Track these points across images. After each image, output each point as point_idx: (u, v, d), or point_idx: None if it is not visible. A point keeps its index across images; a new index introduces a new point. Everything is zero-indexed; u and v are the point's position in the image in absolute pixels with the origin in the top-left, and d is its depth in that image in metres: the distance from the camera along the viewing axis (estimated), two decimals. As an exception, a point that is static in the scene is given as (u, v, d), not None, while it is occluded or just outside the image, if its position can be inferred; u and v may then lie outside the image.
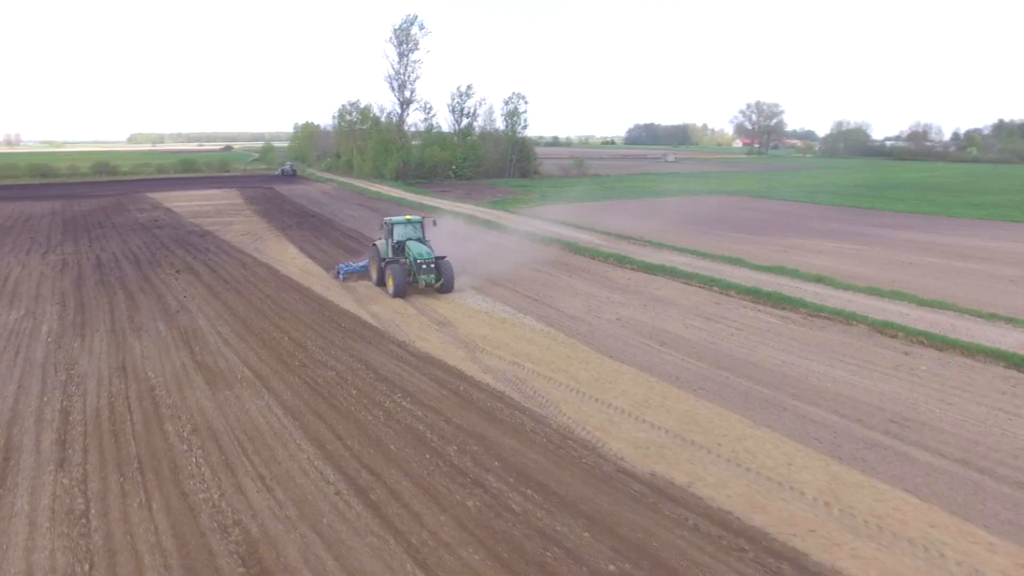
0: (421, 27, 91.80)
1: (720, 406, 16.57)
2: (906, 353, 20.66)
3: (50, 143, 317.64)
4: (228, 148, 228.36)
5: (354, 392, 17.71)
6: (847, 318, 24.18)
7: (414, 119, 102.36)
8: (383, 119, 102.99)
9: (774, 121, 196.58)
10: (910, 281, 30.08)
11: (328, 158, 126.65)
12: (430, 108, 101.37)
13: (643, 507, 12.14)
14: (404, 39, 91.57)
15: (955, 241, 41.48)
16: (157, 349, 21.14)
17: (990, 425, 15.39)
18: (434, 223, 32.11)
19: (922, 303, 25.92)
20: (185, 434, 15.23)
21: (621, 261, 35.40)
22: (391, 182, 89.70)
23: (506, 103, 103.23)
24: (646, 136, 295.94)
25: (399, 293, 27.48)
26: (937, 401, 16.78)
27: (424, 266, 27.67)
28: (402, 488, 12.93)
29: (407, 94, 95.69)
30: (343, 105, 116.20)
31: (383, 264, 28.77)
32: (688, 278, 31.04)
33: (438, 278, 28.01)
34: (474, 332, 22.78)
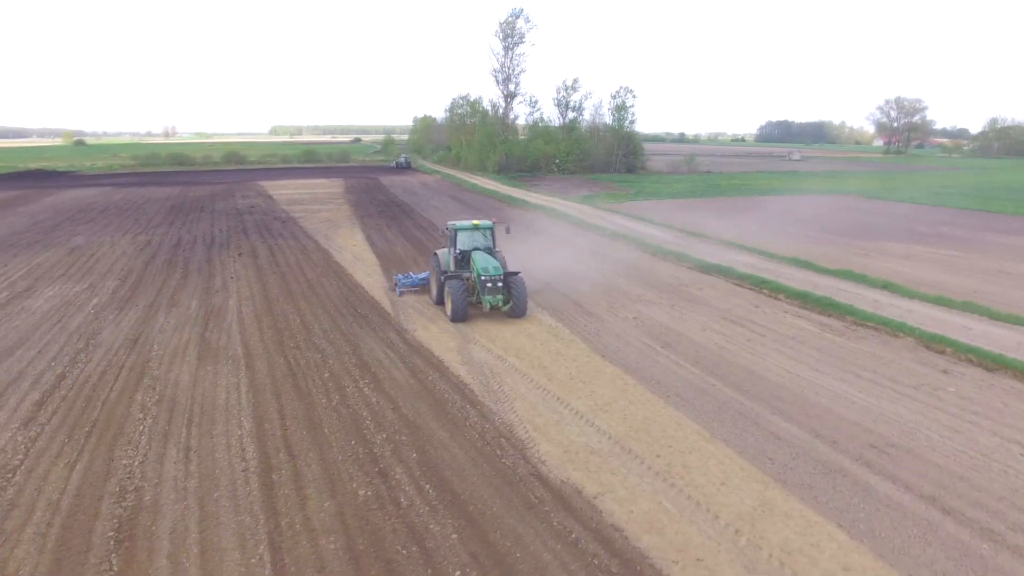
0: (527, 20, 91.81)
1: (685, 414, 15.30)
2: (944, 372, 18.24)
3: (201, 135, 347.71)
4: (357, 140, 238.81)
5: (326, 375, 17.87)
6: (895, 329, 21.73)
7: (519, 112, 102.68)
8: (490, 112, 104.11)
9: (916, 118, 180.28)
10: (995, 292, 26.63)
11: (441, 150, 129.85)
12: (535, 102, 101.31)
13: (532, 515, 11.38)
14: (509, 32, 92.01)
15: (1079, 251, 36.32)
16: (176, 325, 22.32)
17: (992, 460, 13.23)
18: (507, 230, 26.76)
19: (995, 317, 22.86)
20: (149, 404, 15.94)
21: (679, 259, 33.82)
22: (492, 175, 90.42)
23: (614, 97, 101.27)
24: (779, 133, 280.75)
25: (457, 317, 22.36)
26: (943, 427, 14.65)
27: (490, 284, 22.53)
28: (308, 471, 12.86)
29: (511, 88, 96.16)
30: (454, 98, 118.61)
31: (443, 279, 23.80)
32: (740, 279, 29.13)
33: (507, 300, 22.86)
34: (478, 324, 22.39)
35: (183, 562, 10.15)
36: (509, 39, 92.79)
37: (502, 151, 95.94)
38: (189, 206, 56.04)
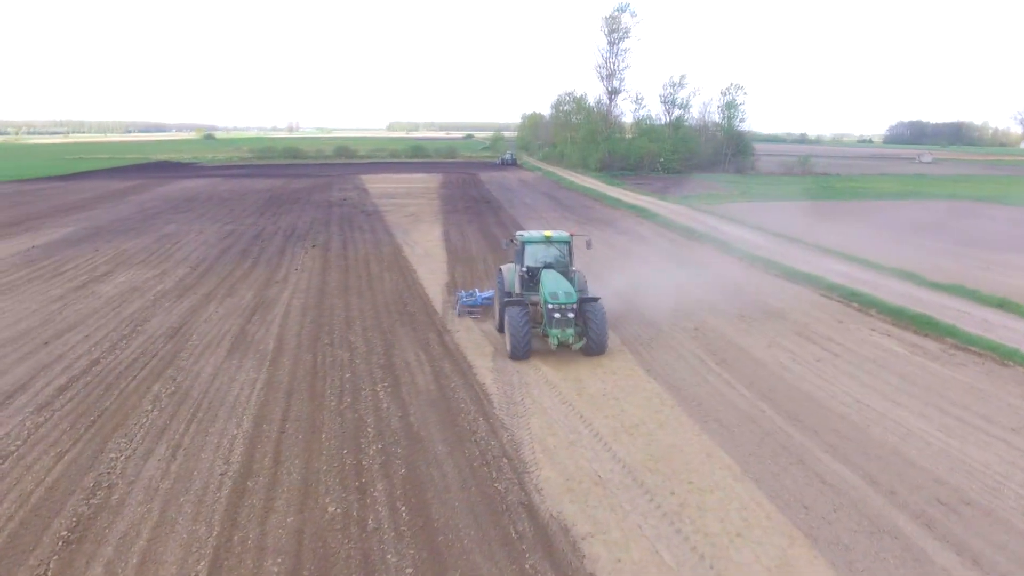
0: (633, 15, 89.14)
1: (719, 444, 13.38)
2: (1058, 412, 15.24)
3: (321, 130, 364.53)
4: (469, 137, 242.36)
5: (347, 375, 17.14)
6: (1003, 356, 18.65)
7: (624, 109, 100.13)
8: (595, 109, 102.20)
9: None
10: None
11: (547, 147, 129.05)
12: (641, 99, 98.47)
13: (505, 553, 9.99)
14: (615, 27, 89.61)
15: None
16: (223, 315, 22.36)
17: (1099, 531, 10.57)
18: (588, 245, 21.51)
19: None
20: (162, 396, 15.71)
21: (767, 266, 31.16)
22: (594, 173, 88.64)
23: (723, 94, 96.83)
24: (911, 135, 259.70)
25: (516, 353, 17.92)
26: (1040, 483, 11.99)
27: (558, 314, 17.87)
28: (288, 480, 12.05)
29: (615, 84, 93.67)
30: (560, 95, 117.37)
31: (504, 302, 19.46)
32: (829, 289, 26.31)
33: (580, 335, 18.29)
34: (522, 327, 21.03)
35: (117, 572, 9.49)
36: (614, 34, 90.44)
37: (604, 148, 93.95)
38: (286, 197, 57.80)
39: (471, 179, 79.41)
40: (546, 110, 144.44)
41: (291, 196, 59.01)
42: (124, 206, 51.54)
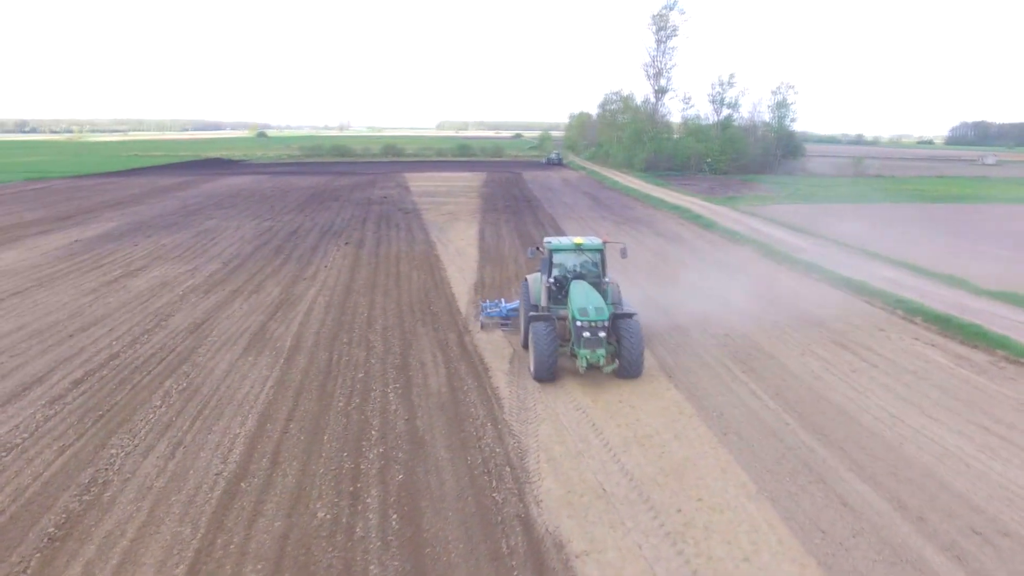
0: (681, 12, 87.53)
1: (736, 459, 12.61)
2: (1118, 434, 13.99)
3: (372, 128, 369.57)
4: (518, 136, 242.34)
5: (360, 376, 16.85)
6: (1059, 372, 17.32)
7: (671, 108, 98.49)
8: (642, 108, 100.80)
9: None
10: None
11: (593, 147, 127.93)
12: (688, 98, 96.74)
13: (492, 569, 9.50)
14: (662, 25, 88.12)
15: None
16: (247, 311, 22.38)
17: None
18: (622, 252, 20.28)
19: None
20: (173, 392, 15.67)
21: (807, 269, 29.93)
22: (639, 173, 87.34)
23: (774, 93, 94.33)
24: (974, 136, 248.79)
25: (541, 374, 16.22)
26: (1090, 514, 10.92)
27: (587, 333, 16.01)
28: (282, 483, 11.77)
29: (663, 83, 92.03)
30: (607, 94, 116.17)
31: (529, 316, 17.40)
32: (871, 295, 25.05)
33: (613, 355, 16.69)
34: (543, 330, 20.47)
35: (95, 572, 9.31)
36: (662, 32, 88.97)
37: (650, 148, 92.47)
38: (327, 195, 58.29)
39: (514, 178, 78.98)
40: (594, 110, 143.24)
41: (333, 193, 59.48)
42: (169, 202, 52.65)
